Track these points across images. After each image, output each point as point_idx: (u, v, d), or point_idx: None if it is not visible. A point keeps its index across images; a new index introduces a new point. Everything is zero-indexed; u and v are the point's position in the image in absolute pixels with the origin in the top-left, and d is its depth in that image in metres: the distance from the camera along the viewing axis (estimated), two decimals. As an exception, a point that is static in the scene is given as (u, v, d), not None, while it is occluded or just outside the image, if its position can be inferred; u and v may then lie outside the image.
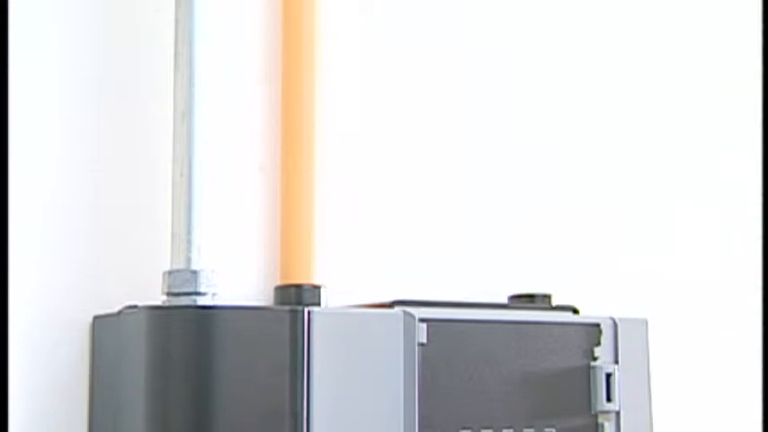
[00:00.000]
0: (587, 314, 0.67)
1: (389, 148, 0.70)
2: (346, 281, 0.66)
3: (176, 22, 0.58)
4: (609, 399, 0.64)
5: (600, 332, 0.65)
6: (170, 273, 0.57)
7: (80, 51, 0.61)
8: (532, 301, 0.69)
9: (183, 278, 0.56)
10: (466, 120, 0.73)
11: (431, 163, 0.71)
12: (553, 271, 0.72)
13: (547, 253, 0.73)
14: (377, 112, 0.70)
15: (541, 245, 0.74)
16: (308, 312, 0.56)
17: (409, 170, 0.70)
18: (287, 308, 0.57)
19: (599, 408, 0.64)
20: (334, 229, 0.66)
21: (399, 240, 0.69)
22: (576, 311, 0.67)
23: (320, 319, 0.57)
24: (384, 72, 0.70)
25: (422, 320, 0.59)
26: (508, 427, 0.61)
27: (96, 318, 0.59)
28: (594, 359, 0.65)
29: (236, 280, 0.62)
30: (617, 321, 0.66)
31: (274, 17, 0.66)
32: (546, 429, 0.62)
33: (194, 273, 0.56)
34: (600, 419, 0.64)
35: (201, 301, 0.56)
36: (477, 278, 0.71)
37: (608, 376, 0.65)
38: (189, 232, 0.57)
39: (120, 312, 0.57)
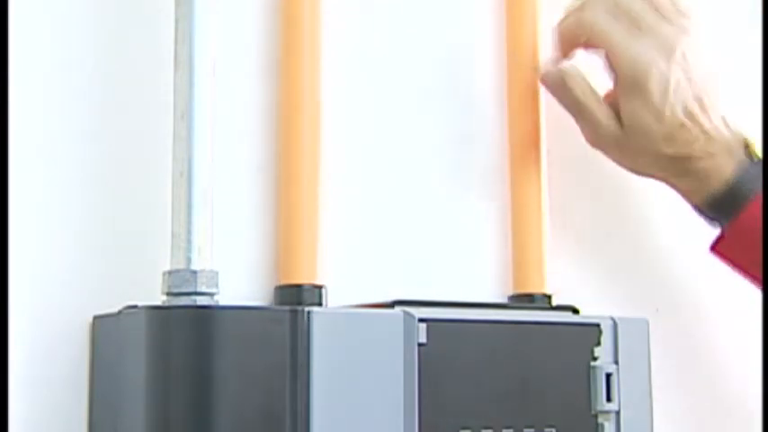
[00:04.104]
0: (587, 314, 0.67)
1: (389, 148, 0.70)
2: (346, 281, 0.66)
3: (176, 21, 0.58)
4: (609, 399, 0.64)
5: (600, 332, 0.65)
6: (170, 273, 0.57)
7: (80, 51, 0.61)
8: (532, 301, 0.69)
9: (182, 278, 0.56)
10: (466, 119, 0.73)
11: (431, 163, 0.71)
12: (553, 271, 0.72)
13: (547, 253, 0.73)
14: (377, 111, 0.70)
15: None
16: (308, 312, 0.56)
17: (409, 170, 0.70)
18: (287, 308, 0.57)
19: (599, 408, 0.64)
20: (335, 229, 0.66)
21: (399, 240, 0.69)
22: (576, 311, 0.67)
23: (320, 319, 0.57)
24: (384, 72, 0.70)
25: (422, 320, 0.59)
26: (508, 427, 0.61)
27: (96, 318, 0.59)
28: (594, 359, 0.65)
29: (236, 280, 0.62)
30: (617, 321, 0.66)
31: (274, 17, 0.66)
32: (546, 429, 0.62)
33: (194, 273, 0.56)
34: (600, 419, 0.64)
35: (201, 301, 0.56)
36: (477, 278, 0.71)
37: (608, 376, 0.65)
38: (189, 232, 0.57)
39: (120, 312, 0.57)
